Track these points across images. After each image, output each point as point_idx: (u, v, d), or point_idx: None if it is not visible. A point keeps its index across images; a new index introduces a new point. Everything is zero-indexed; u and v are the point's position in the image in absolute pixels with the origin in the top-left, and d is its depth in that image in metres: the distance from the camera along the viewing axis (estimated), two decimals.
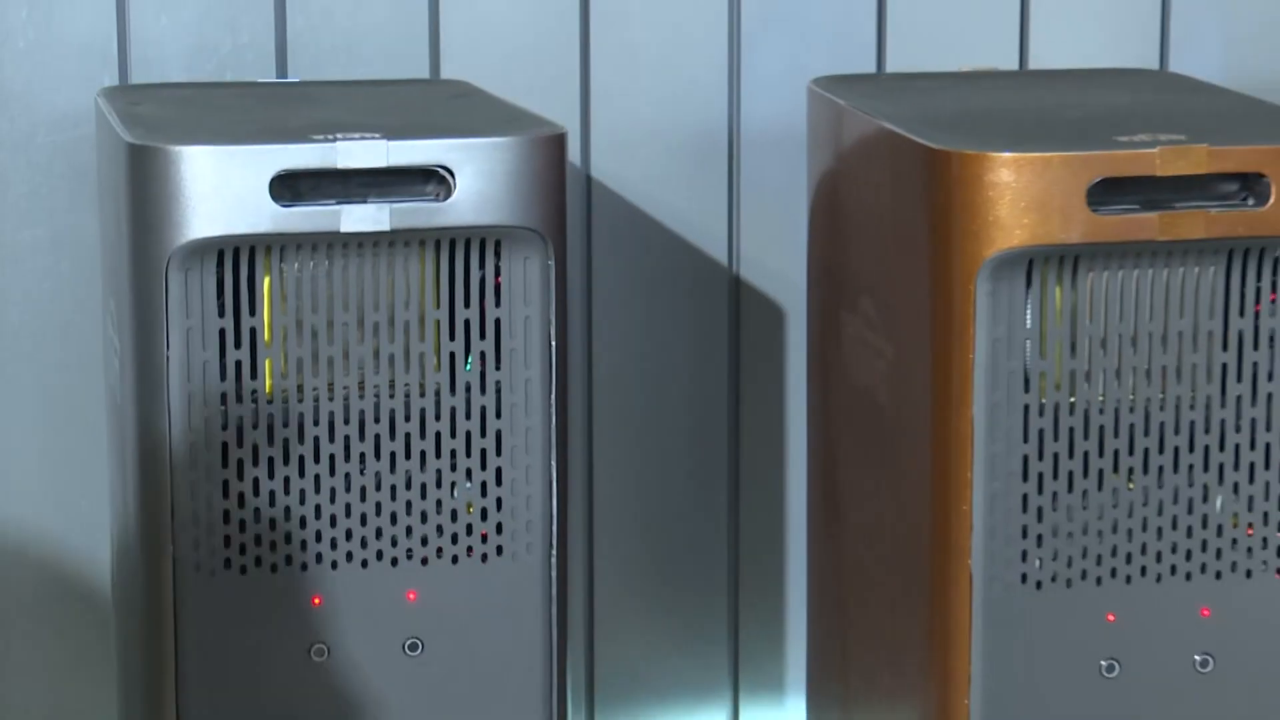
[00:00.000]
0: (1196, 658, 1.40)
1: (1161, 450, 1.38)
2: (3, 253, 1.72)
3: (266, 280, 1.35)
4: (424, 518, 1.39)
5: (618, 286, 1.81)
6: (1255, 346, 1.37)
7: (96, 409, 1.69)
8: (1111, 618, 1.39)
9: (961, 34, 1.82)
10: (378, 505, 1.39)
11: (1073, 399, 1.37)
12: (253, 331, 1.35)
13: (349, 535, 1.38)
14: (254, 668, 1.39)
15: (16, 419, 1.74)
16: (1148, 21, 1.84)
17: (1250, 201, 1.34)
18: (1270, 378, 1.38)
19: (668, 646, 1.86)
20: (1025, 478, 1.37)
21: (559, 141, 1.38)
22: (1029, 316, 1.35)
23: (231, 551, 1.37)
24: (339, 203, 1.34)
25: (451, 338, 1.38)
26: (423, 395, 1.38)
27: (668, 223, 1.81)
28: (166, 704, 1.39)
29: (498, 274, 1.38)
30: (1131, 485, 1.38)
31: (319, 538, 1.38)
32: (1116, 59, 1.83)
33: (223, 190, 1.33)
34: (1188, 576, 1.39)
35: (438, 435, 1.39)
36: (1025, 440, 1.36)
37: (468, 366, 1.39)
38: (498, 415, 1.39)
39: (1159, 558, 1.39)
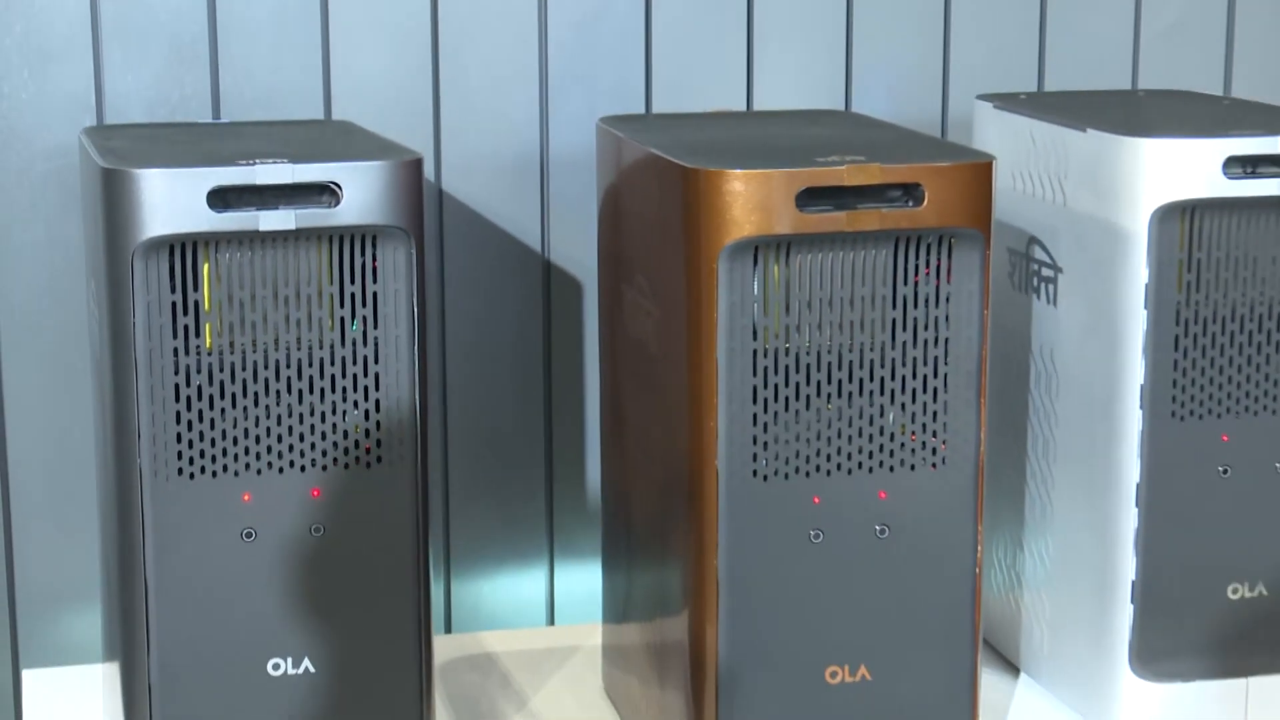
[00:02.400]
0: (877, 528, 1.42)
1: (850, 380, 1.40)
2: (9, 249, 1.71)
3: (205, 266, 1.35)
4: (323, 436, 1.39)
5: (462, 269, 1.81)
6: (915, 305, 1.39)
7: (82, 362, 1.68)
8: (817, 500, 1.41)
9: (706, 84, 1.83)
10: (290, 428, 1.38)
11: (787, 345, 1.38)
12: (196, 303, 1.35)
13: (269, 450, 1.38)
14: (199, 549, 1.38)
15: (21, 372, 1.73)
16: (836, 74, 1.85)
17: (910, 203, 1.37)
18: (925, 327, 1.40)
19: (502, 527, 1.87)
20: (754, 401, 1.38)
21: (418, 164, 1.38)
22: (755, 286, 1.36)
23: (183, 463, 1.37)
24: (258, 209, 1.34)
25: (341, 306, 1.38)
26: (321, 348, 1.38)
27: (498, 223, 1.81)
28: (137, 578, 1.38)
29: (375, 260, 1.38)
30: (830, 406, 1.40)
31: (247, 452, 1.38)
32: (815, 102, 1.85)
33: (172, 201, 1.33)
34: (870, 470, 1.41)
35: (332, 377, 1.39)
36: (754, 375, 1.38)
37: (354, 327, 1.39)
38: (376, 361, 1.39)
39: (849, 457, 1.41)
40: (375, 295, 1.38)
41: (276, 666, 1.41)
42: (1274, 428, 1.54)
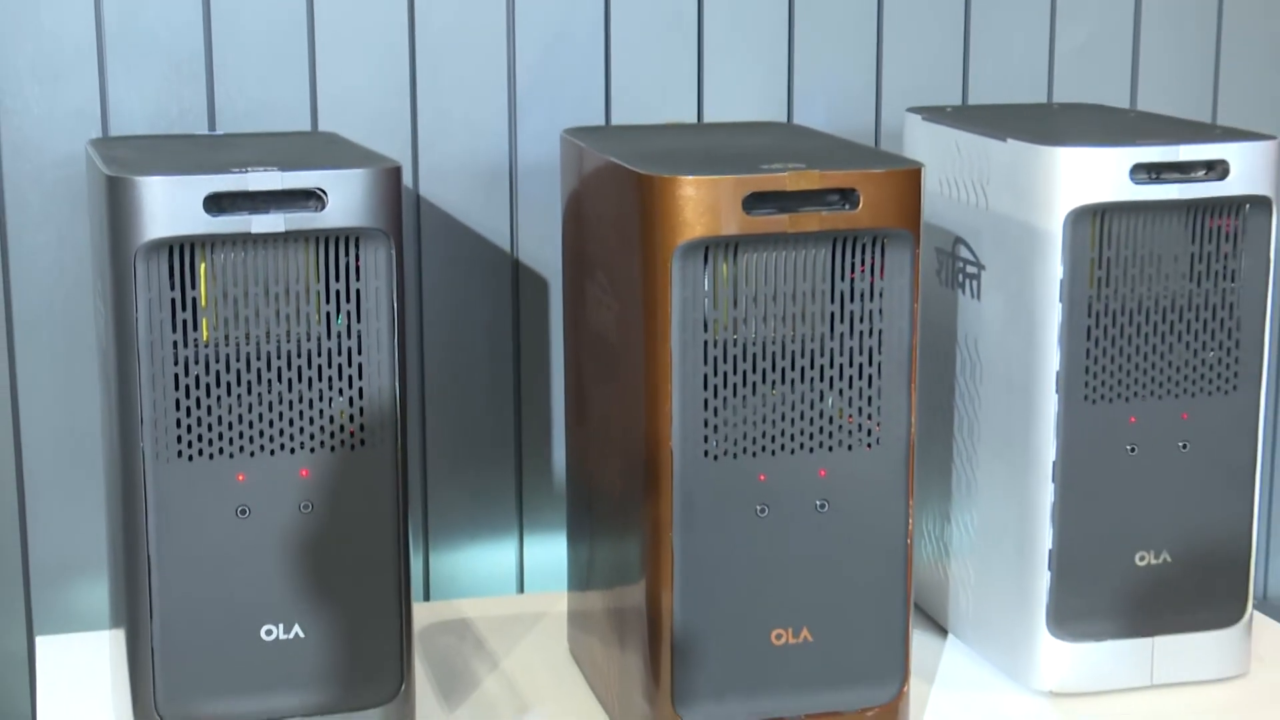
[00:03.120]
0: (817, 503, 1.42)
1: (792, 368, 1.40)
2: (23, 251, 1.70)
3: (202, 265, 1.35)
4: (311, 421, 1.39)
5: (438, 267, 1.81)
6: (851, 300, 1.39)
7: (90, 353, 1.68)
8: (763, 478, 1.41)
9: (660, 98, 1.83)
10: (280, 414, 1.38)
11: (735, 336, 1.38)
12: (193, 300, 1.35)
13: (261, 434, 1.38)
14: (198, 525, 1.38)
15: (34, 363, 1.72)
16: (778, 89, 1.86)
17: (847, 207, 1.37)
18: (860, 320, 1.40)
19: (476, 503, 1.86)
20: (705, 388, 1.38)
21: (397, 172, 1.38)
22: (706, 282, 1.36)
23: (182, 446, 1.37)
24: (250, 213, 1.34)
25: (327, 302, 1.38)
26: (308, 340, 1.38)
27: (471, 226, 1.81)
28: (140, 551, 1.38)
29: (358, 260, 1.38)
30: (774, 392, 1.40)
31: (241, 435, 1.38)
32: (759, 114, 1.85)
33: (171, 206, 1.32)
34: (811, 450, 1.41)
35: (319, 367, 1.38)
36: (705, 363, 1.37)
37: (339, 321, 1.38)
38: (359, 352, 1.39)
39: (792, 438, 1.41)
40: (358, 292, 1.38)
41: (269, 632, 1.41)
42: (1177, 410, 1.55)
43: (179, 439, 1.36)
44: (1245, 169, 1.51)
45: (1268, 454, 2.07)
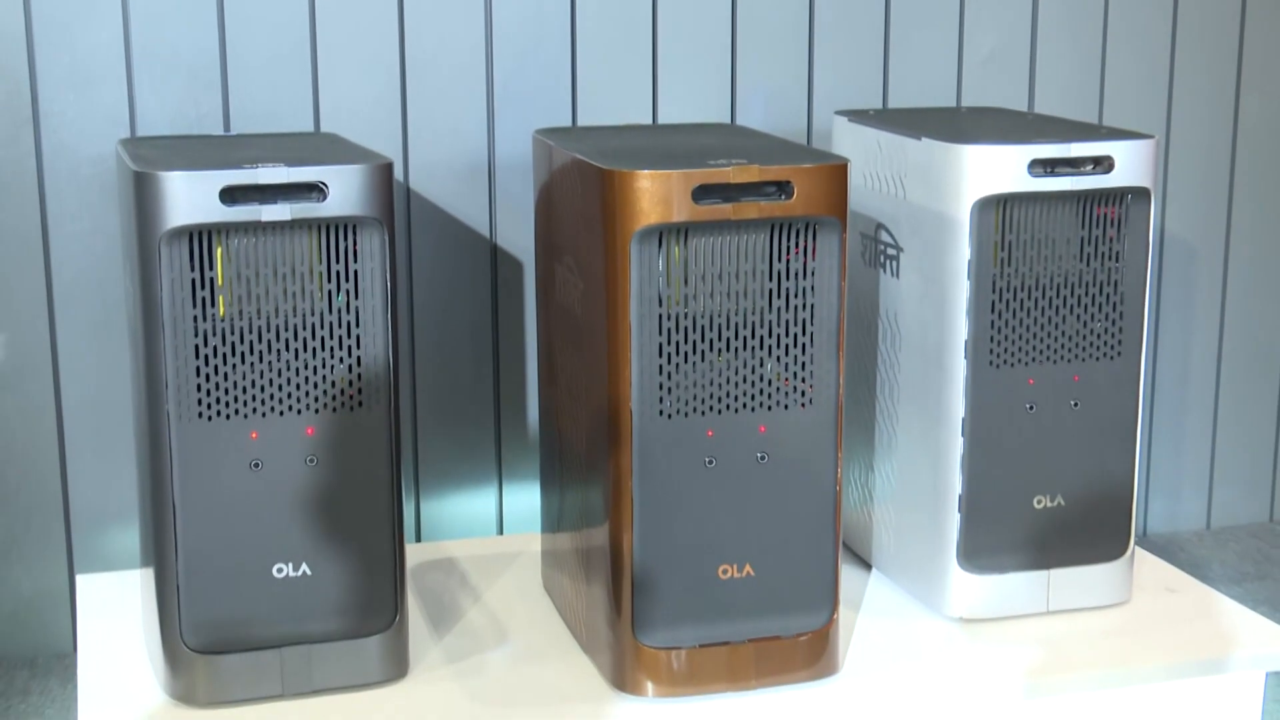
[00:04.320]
0: (758, 455, 1.42)
1: (735, 338, 1.39)
2: (61, 238, 1.69)
3: (218, 250, 1.34)
4: (315, 385, 1.38)
5: (426, 251, 1.80)
6: (787, 278, 1.39)
7: (120, 326, 1.67)
8: (710, 433, 1.40)
9: (620, 102, 1.82)
10: (288, 379, 1.37)
11: (686, 310, 1.37)
12: (211, 280, 1.34)
13: (272, 397, 1.37)
14: (216, 476, 1.37)
15: (72, 336, 1.71)
16: (723, 94, 1.85)
17: (783, 197, 1.36)
18: (795, 296, 1.39)
19: (460, 456, 1.86)
20: (660, 355, 1.37)
21: (390, 167, 1.37)
22: (660, 263, 1.36)
23: (202, 408, 1.36)
24: (260, 204, 1.33)
25: (328, 281, 1.37)
26: (313, 314, 1.37)
27: (455, 215, 1.80)
28: (166, 500, 1.37)
29: (355, 244, 1.36)
30: (720, 359, 1.39)
31: (254, 398, 1.37)
32: (706, 116, 1.85)
33: (191, 197, 1.31)
34: (752, 410, 1.40)
35: (322, 338, 1.37)
36: (660, 334, 1.37)
37: (339, 298, 1.37)
38: (357, 325, 1.38)
39: (736, 399, 1.40)
40: (356, 273, 1.37)
41: (280, 570, 1.40)
42: (1069, 373, 1.55)
43: (199, 401, 1.35)
44: (1128, 164, 1.51)
45: (1147, 411, 2.09)
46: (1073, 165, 1.50)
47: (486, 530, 1.88)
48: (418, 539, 1.85)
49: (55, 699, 1.66)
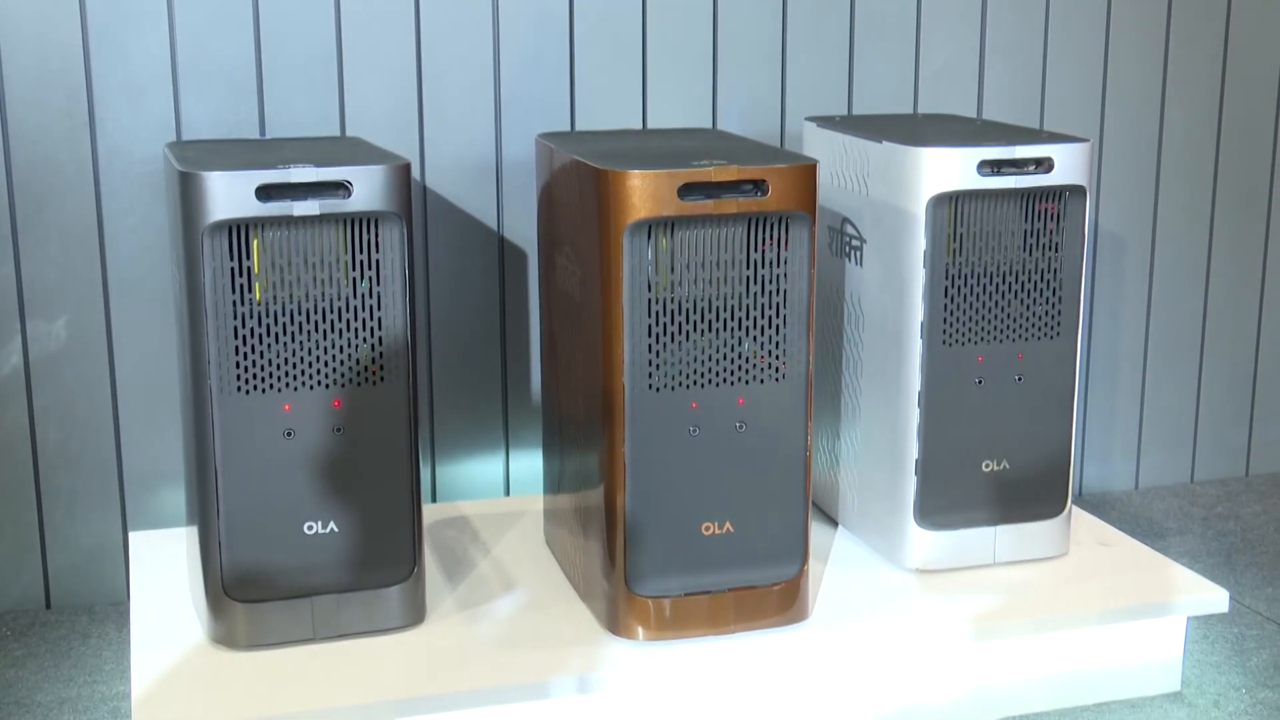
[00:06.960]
0: (737, 424, 1.41)
1: (717, 320, 1.39)
2: (115, 230, 1.67)
3: (255, 241, 1.33)
4: (341, 363, 1.37)
5: (441, 243, 1.78)
6: (763, 266, 1.38)
7: (168, 310, 1.66)
8: (694, 405, 1.39)
9: (614, 109, 1.81)
10: (317, 357, 1.36)
11: (673, 295, 1.37)
12: (248, 268, 1.33)
13: (303, 373, 1.36)
14: (253, 444, 1.37)
15: (126, 319, 1.70)
16: (705, 102, 1.84)
17: (759, 194, 1.36)
18: (770, 282, 1.39)
19: (472, 425, 1.84)
20: (649, 335, 1.37)
21: (408, 168, 1.36)
22: (649, 253, 1.35)
23: (240, 383, 1.35)
24: (292, 200, 1.32)
25: (353, 269, 1.36)
26: (339, 299, 1.36)
27: (466, 210, 1.79)
28: (209, 464, 1.36)
29: (377, 237, 1.36)
30: (703, 338, 1.39)
31: (286, 374, 1.36)
32: (690, 122, 1.84)
33: (230, 194, 1.31)
34: (732, 384, 1.40)
35: (348, 320, 1.37)
36: (649, 316, 1.36)
37: (362, 284, 1.36)
38: (379, 309, 1.37)
39: (717, 374, 1.39)
40: (377, 262, 1.36)
41: (310, 527, 1.40)
42: (1014, 351, 1.55)
43: (237, 377, 1.35)
44: (1066, 164, 1.50)
45: (1083, 384, 2.08)
46: (1017, 166, 1.50)
47: (495, 491, 1.87)
48: (433, 499, 1.84)
49: (111, 642, 1.66)
